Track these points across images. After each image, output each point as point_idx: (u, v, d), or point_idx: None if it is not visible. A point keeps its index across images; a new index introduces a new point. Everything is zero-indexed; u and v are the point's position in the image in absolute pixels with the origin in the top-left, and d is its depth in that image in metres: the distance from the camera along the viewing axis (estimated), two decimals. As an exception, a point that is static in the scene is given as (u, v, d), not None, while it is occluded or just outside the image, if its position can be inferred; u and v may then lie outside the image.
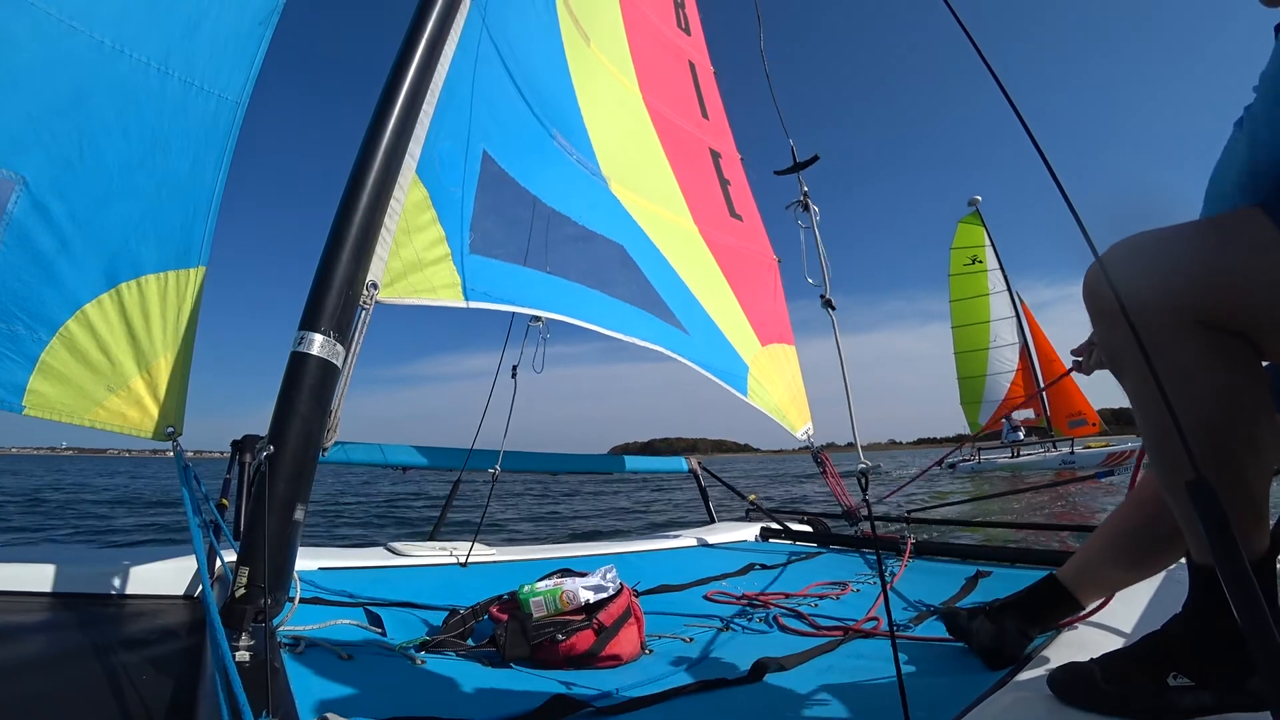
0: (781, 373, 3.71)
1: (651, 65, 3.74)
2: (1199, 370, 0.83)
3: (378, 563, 2.27)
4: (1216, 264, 0.84)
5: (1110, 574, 1.34)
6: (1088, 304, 0.96)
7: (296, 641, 1.40)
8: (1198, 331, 0.83)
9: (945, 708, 1.06)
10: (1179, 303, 0.83)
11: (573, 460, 3.71)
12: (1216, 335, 0.83)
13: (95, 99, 1.64)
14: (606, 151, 3.03)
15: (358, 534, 8.22)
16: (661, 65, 3.90)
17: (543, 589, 1.56)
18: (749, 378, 3.41)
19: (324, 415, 1.48)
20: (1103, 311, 0.93)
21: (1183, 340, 0.83)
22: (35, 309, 1.56)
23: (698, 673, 1.36)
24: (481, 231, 2.17)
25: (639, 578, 2.20)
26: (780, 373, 3.69)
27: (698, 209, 3.65)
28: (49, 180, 1.59)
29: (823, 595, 2.12)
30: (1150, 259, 0.88)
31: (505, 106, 2.40)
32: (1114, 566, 1.32)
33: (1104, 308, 0.93)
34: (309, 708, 1.00)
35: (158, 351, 1.71)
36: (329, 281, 1.52)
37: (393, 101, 1.68)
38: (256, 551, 1.29)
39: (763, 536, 3.41)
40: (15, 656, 1.20)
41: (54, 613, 1.47)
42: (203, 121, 1.79)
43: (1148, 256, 0.89)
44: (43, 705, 1.03)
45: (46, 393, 1.57)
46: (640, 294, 2.87)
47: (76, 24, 1.60)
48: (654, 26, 3.94)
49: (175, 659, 1.24)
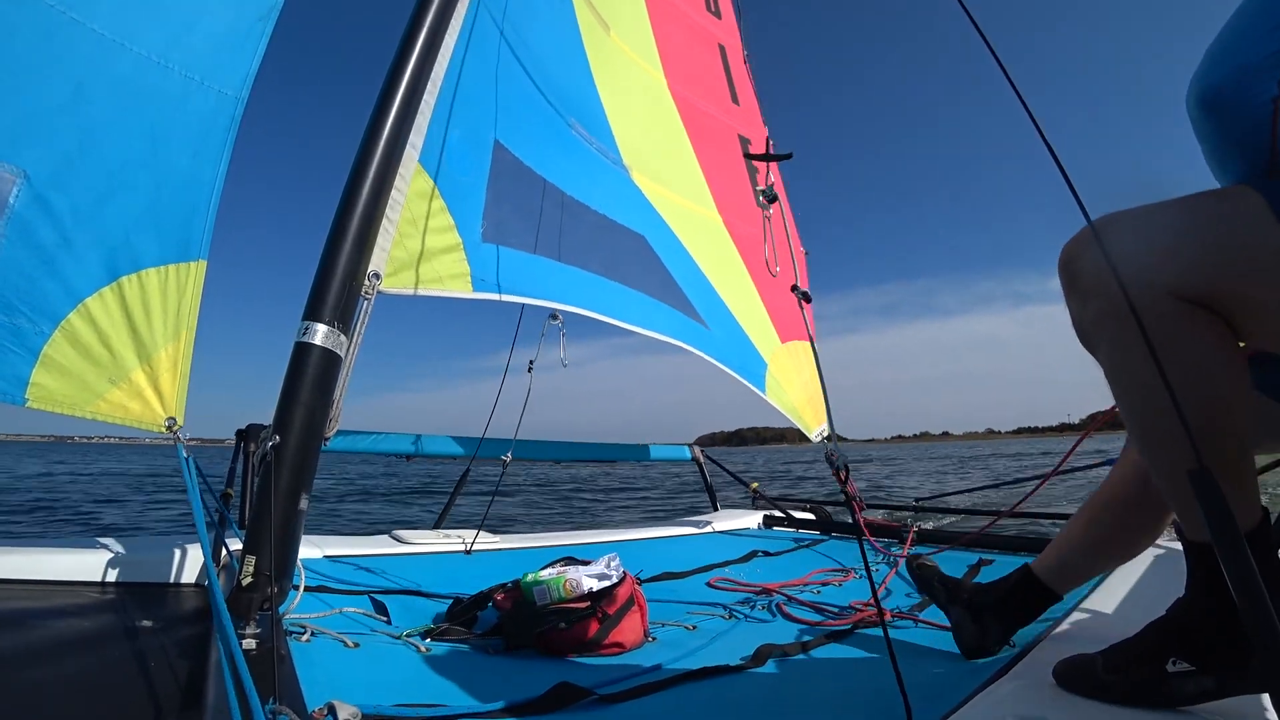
0: (800, 371, 3.68)
1: (677, 50, 3.66)
2: (1182, 346, 0.82)
3: (383, 551, 2.29)
4: (1198, 239, 0.84)
5: (1091, 563, 1.34)
6: (1062, 277, 0.94)
7: (302, 629, 1.41)
8: (1179, 306, 0.82)
9: (946, 696, 1.06)
10: (1158, 278, 0.83)
11: (580, 449, 3.71)
12: (1197, 311, 0.82)
13: (96, 93, 1.64)
14: (628, 140, 2.99)
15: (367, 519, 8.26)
16: (688, 50, 3.82)
17: (546, 577, 1.57)
18: (767, 375, 3.38)
19: (327, 404, 1.49)
20: (1075, 286, 0.92)
21: (1163, 315, 0.82)
22: (37, 302, 1.57)
23: (701, 660, 1.37)
24: (495, 220, 2.15)
25: (642, 565, 2.21)
26: (799, 371, 3.66)
27: (723, 199, 3.59)
28: (50, 174, 1.59)
29: (825, 582, 2.13)
30: (1129, 234, 0.88)
31: (517, 96, 2.38)
32: (1094, 555, 1.32)
33: (1079, 284, 0.92)
34: (315, 695, 1.01)
35: (158, 344, 1.71)
36: (331, 272, 1.52)
37: (393, 92, 1.68)
38: (262, 540, 1.30)
39: (766, 524, 3.42)
40: (23, 643, 1.21)
41: (62, 599, 1.49)
42: (203, 115, 1.79)
43: (1128, 232, 0.88)
44: (50, 691, 1.04)
45: (49, 385, 1.58)
46: (661, 286, 2.84)
47: (77, 15, 1.60)
48: (681, 11, 3.85)
49: (182, 647, 1.25)
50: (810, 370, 3.82)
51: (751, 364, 3.30)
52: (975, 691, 1.05)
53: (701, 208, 3.43)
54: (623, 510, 10.33)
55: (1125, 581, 1.73)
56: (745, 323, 3.38)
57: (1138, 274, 0.82)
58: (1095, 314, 0.90)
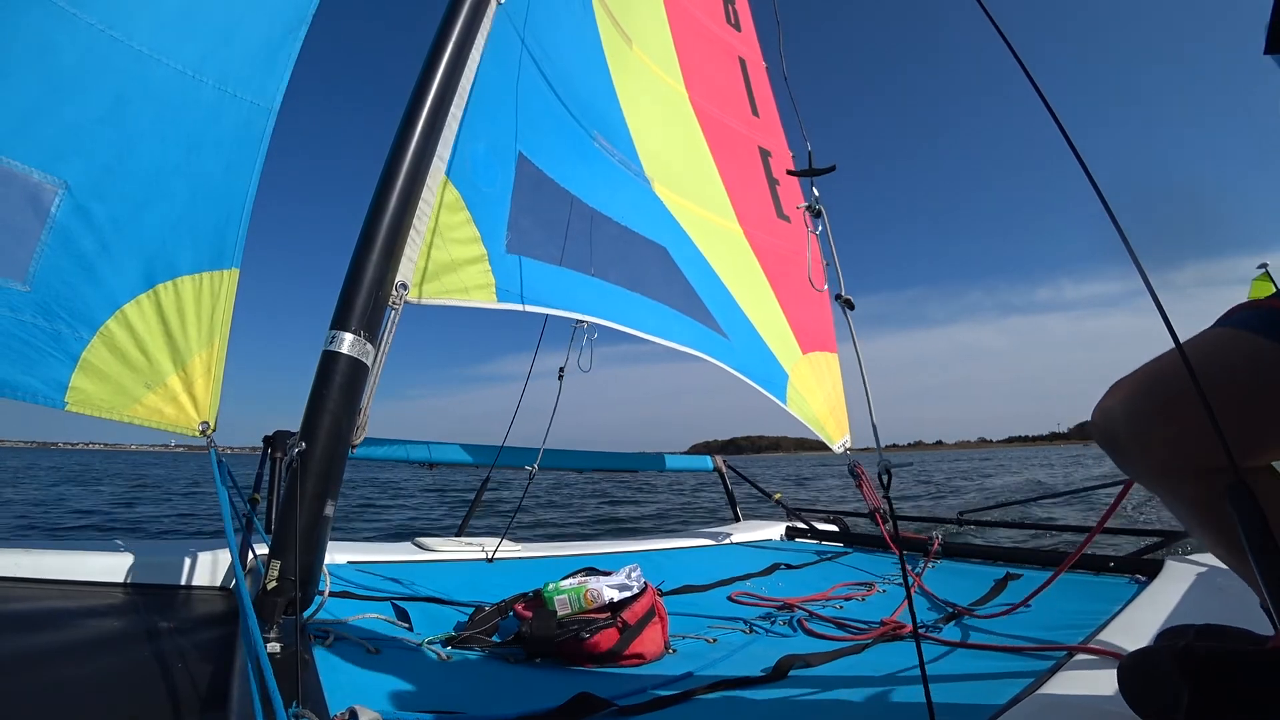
0: (821, 382, 3.65)
1: (698, 64, 3.69)
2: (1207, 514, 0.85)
3: (406, 558, 2.31)
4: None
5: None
6: (1097, 437, 0.96)
7: (326, 634, 1.43)
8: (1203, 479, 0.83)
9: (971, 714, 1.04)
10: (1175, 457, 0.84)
11: (603, 458, 3.72)
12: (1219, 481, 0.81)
13: (134, 106, 1.69)
14: (650, 152, 3.01)
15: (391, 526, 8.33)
16: (709, 63, 3.85)
17: (567, 587, 1.57)
18: (789, 386, 3.37)
19: (354, 413, 1.51)
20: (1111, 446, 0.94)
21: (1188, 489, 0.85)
22: (77, 308, 1.62)
23: (722, 672, 1.36)
24: (519, 231, 2.17)
25: (663, 576, 2.21)
26: (820, 382, 3.64)
27: (743, 210, 3.60)
28: (90, 185, 1.64)
29: (848, 596, 2.10)
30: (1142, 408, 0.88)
31: (541, 109, 2.41)
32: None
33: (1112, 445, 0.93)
34: (337, 700, 1.02)
35: (193, 350, 1.75)
36: (359, 282, 1.54)
37: (420, 105, 1.70)
38: (288, 546, 1.32)
39: (788, 536, 3.39)
40: (55, 641, 1.24)
41: (92, 600, 1.52)
42: (236, 127, 1.83)
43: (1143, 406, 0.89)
44: (79, 689, 1.06)
45: (87, 389, 1.62)
46: (681, 297, 2.85)
47: (116, 34, 1.65)
48: (701, 24, 3.89)
49: (209, 648, 1.27)
50: (833, 380, 3.79)
51: (773, 375, 3.28)
52: (1000, 711, 1.03)
53: (723, 219, 3.43)
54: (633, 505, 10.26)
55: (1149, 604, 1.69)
56: (766, 334, 3.37)
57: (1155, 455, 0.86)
58: (1138, 474, 0.94)
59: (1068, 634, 1.51)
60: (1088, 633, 1.47)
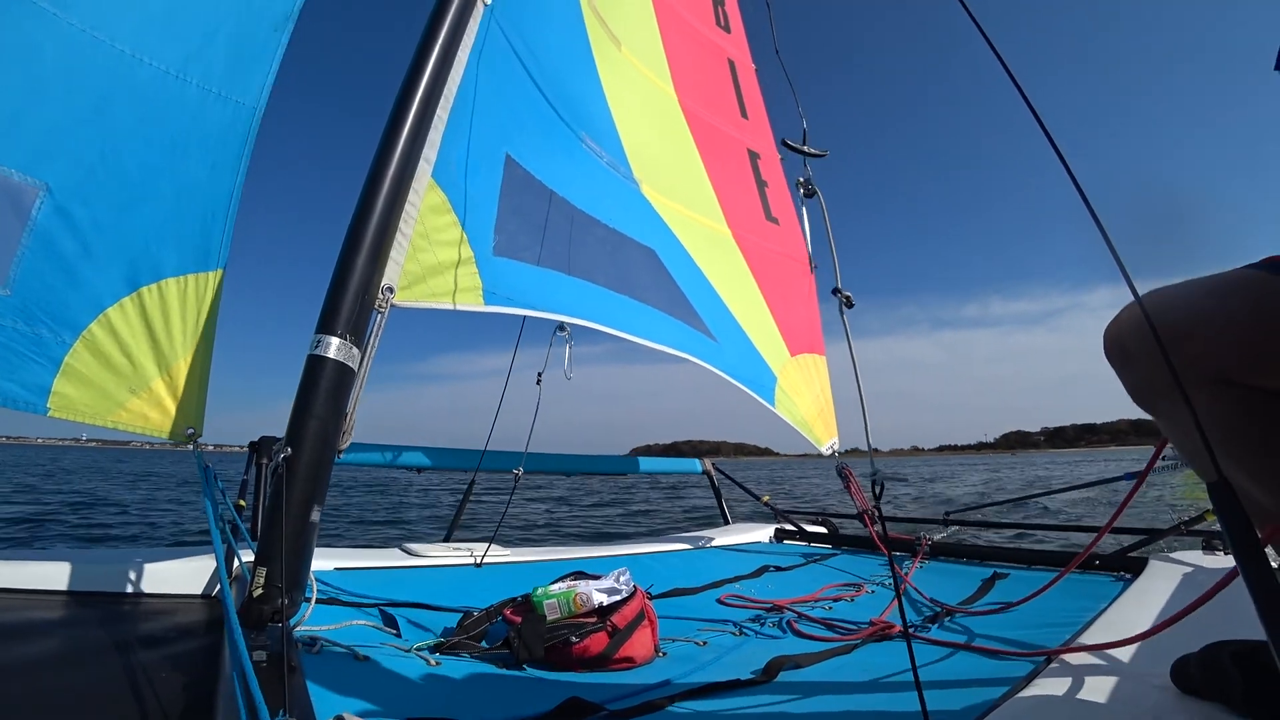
0: (810, 384, 3.66)
1: (687, 65, 3.69)
2: (1225, 424, 0.83)
3: (393, 563, 2.29)
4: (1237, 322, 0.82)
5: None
6: (1110, 352, 0.96)
7: (313, 641, 1.41)
8: (1219, 388, 0.82)
9: (962, 713, 1.05)
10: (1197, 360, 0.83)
11: (589, 461, 3.72)
12: (1237, 390, 0.82)
13: (116, 107, 1.67)
14: (638, 154, 3.01)
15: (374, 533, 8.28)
16: (698, 65, 3.85)
17: (557, 591, 1.57)
18: (777, 389, 3.37)
19: (340, 417, 1.49)
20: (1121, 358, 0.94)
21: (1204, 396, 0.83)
22: (59, 312, 1.59)
23: (712, 675, 1.36)
24: (507, 234, 2.16)
25: (653, 580, 2.20)
26: (809, 384, 3.65)
27: (732, 212, 3.60)
28: (72, 187, 1.62)
29: (837, 597, 2.11)
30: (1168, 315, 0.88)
31: (529, 111, 2.40)
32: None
33: (1124, 360, 0.94)
34: (324, 707, 1.01)
35: (178, 353, 1.73)
36: (345, 285, 1.53)
37: (406, 107, 1.69)
38: (274, 552, 1.31)
39: (777, 538, 3.40)
40: (37, 653, 1.22)
41: (74, 610, 1.50)
42: (220, 127, 1.81)
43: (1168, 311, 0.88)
44: (62, 702, 1.05)
45: (70, 394, 1.60)
46: (669, 299, 2.84)
47: (99, 34, 1.63)
48: (690, 26, 3.89)
49: (193, 657, 1.26)
50: (821, 382, 3.81)
51: (761, 377, 3.29)
52: (989, 709, 1.04)
53: (712, 221, 3.43)
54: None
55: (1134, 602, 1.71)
56: (755, 336, 3.37)
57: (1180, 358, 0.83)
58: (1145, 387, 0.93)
59: (1053, 631, 1.53)
60: (1074, 630, 1.48)
